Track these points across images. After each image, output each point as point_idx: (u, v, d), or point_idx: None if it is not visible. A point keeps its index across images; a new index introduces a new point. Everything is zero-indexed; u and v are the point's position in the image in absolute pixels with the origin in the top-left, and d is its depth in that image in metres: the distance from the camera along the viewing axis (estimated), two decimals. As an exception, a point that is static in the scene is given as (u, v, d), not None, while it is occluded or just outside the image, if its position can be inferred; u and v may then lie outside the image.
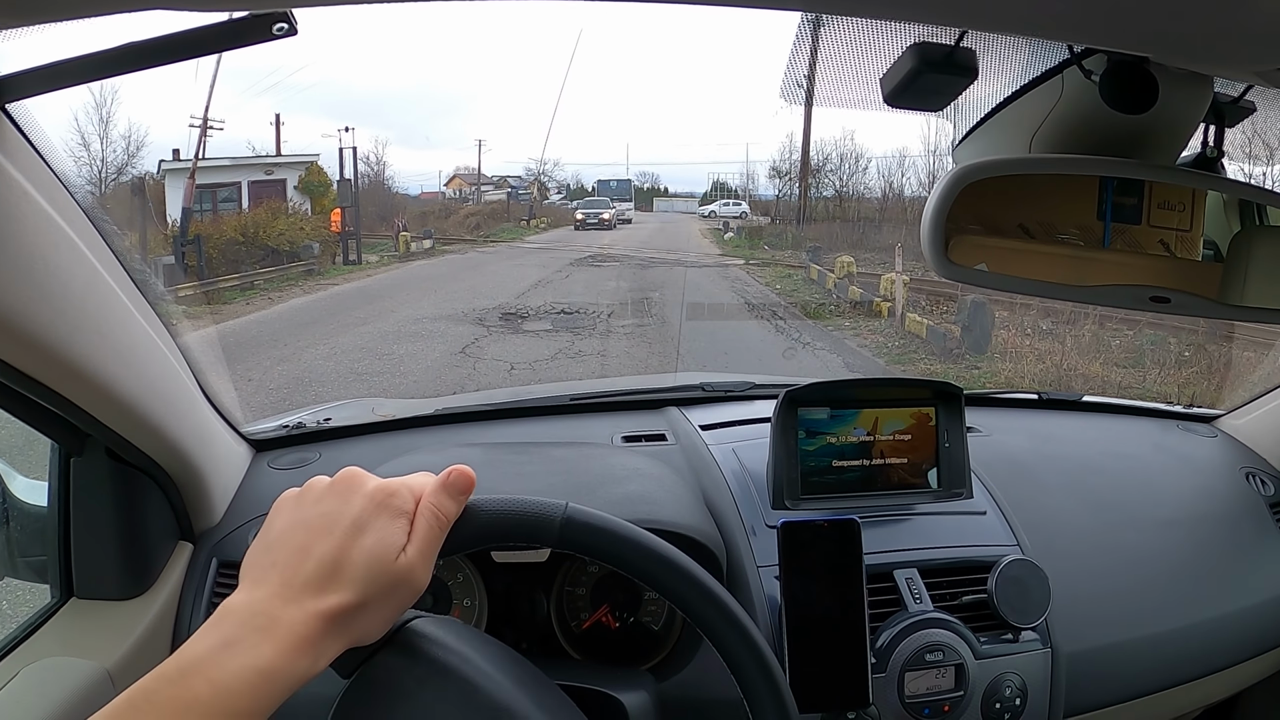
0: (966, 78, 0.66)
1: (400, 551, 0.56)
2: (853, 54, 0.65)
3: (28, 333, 0.70)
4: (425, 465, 1.10)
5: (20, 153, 0.67)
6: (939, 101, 0.68)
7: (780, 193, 30.07)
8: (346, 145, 20.41)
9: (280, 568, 0.55)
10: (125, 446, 0.94)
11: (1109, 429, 1.55)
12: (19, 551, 1.06)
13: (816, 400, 1.14)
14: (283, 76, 44.50)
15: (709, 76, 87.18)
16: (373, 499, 0.57)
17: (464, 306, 10.71)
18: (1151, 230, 0.78)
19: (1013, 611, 1.05)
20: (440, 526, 0.58)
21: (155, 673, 0.50)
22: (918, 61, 0.64)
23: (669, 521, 0.99)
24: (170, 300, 0.96)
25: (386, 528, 0.56)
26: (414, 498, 0.59)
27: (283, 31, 0.59)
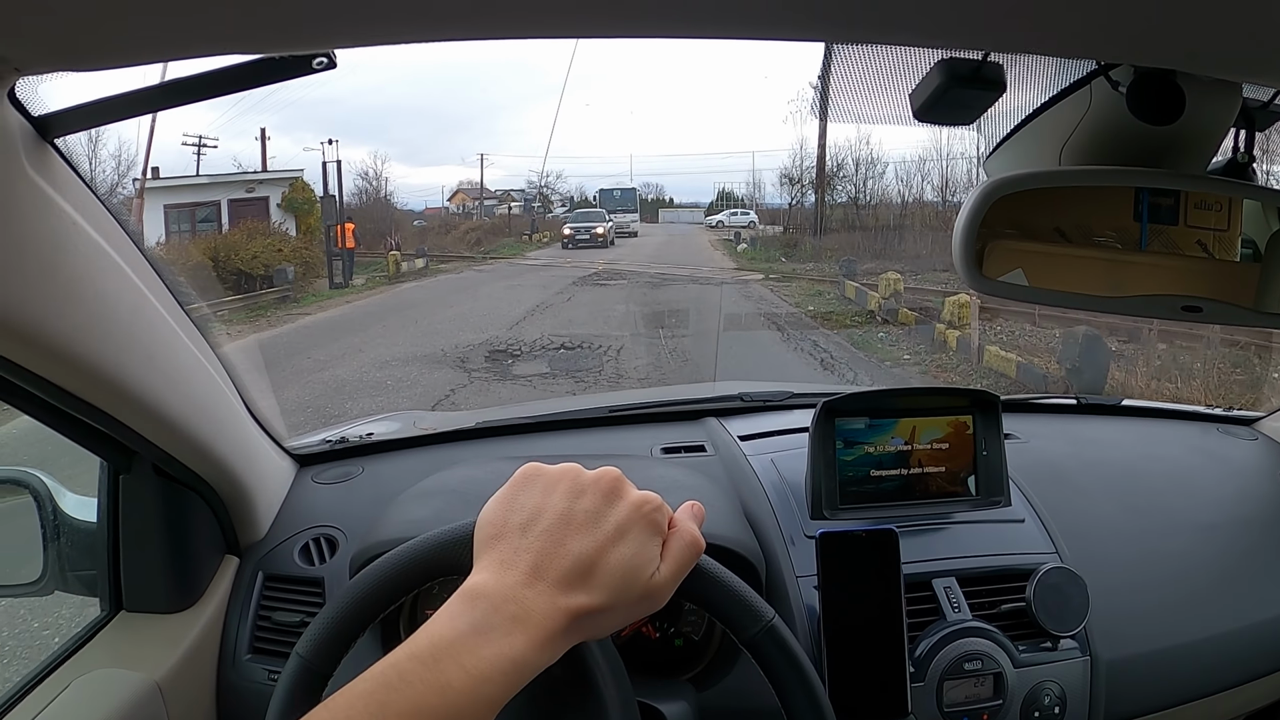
0: (995, 91, 0.67)
1: (655, 569, 0.57)
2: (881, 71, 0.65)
3: (79, 357, 0.72)
4: (466, 478, 1.13)
5: (69, 185, 0.69)
6: (968, 115, 0.69)
7: (793, 201, 29.00)
8: (330, 159, 19.54)
9: (535, 554, 0.56)
10: (173, 464, 0.96)
11: (1148, 433, 1.54)
12: (69, 566, 1.08)
13: (854, 410, 1.14)
14: (283, 93, 44.59)
15: (713, 85, 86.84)
16: (638, 510, 0.59)
17: (446, 343, 9.33)
18: (1189, 230, 0.77)
19: (1051, 620, 1.04)
20: (694, 555, 0.60)
21: (406, 650, 0.50)
22: (946, 77, 0.65)
23: (707, 533, 0.98)
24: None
25: (646, 542, 0.58)
26: (669, 518, 0.61)
27: (322, 65, 0.61)
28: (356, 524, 1.16)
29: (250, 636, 1.08)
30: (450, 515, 1.00)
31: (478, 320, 11.02)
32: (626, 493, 0.60)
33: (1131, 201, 0.76)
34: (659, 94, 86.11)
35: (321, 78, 0.63)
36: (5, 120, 0.60)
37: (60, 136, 0.67)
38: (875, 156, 26.59)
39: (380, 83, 59.05)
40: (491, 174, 46.86)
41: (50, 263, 0.66)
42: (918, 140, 24.22)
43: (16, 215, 0.62)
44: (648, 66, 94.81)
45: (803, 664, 0.67)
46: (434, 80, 71.06)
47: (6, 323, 0.65)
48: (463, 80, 74.37)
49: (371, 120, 60.99)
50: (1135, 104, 0.66)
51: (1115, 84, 0.68)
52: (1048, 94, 0.74)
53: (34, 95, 0.63)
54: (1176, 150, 0.71)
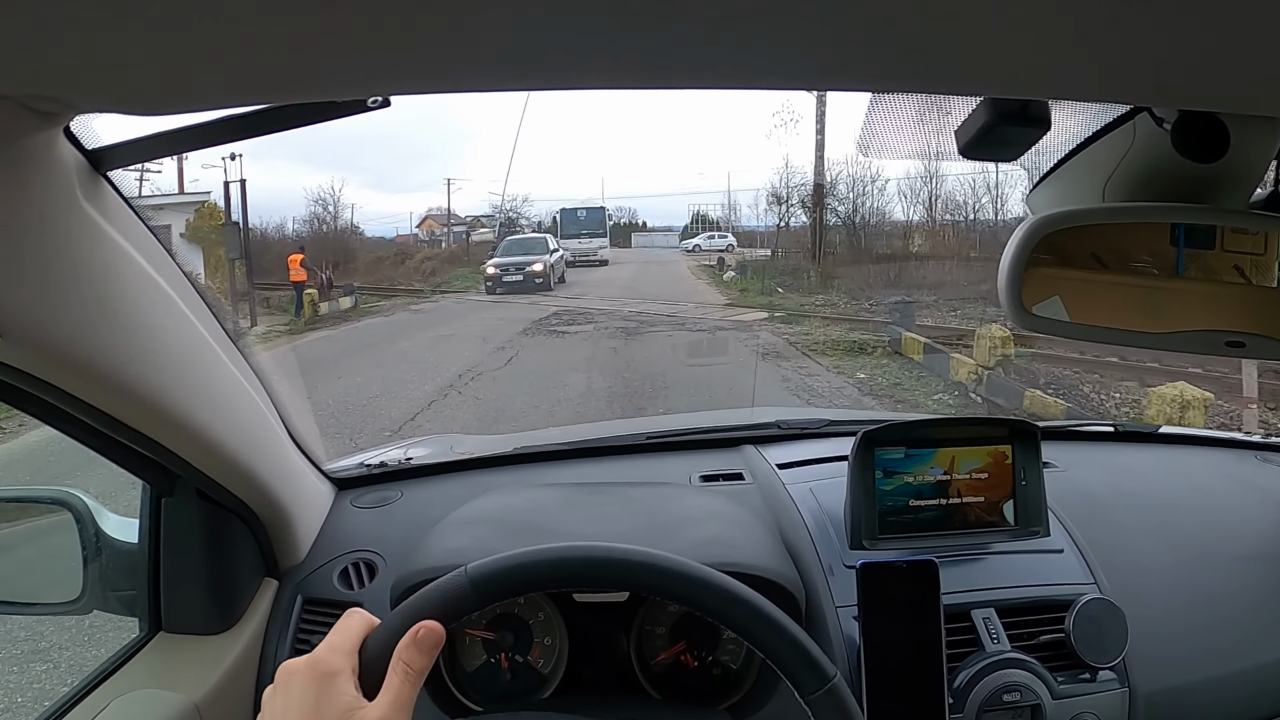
0: (1040, 129, 0.67)
1: (355, 710, 0.58)
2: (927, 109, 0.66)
3: (130, 385, 0.74)
4: (504, 506, 1.14)
5: (121, 216, 0.70)
6: (1013, 152, 0.69)
7: (781, 221, 26.37)
8: (233, 179, 16.37)
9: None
10: (215, 488, 0.97)
11: (1186, 462, 1.52)
12: (108, 586, 1.09)
13: (893, 440, 1.14)
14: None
15: (685, 103, 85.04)
16: (307, 676, 0.60)
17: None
18: (1226, 255, 0.76)
19: (1090, 651, 1.04)
20: (412, 680, 0.60)
21: None
22: (992, 115, 0.65)
23: (747, 564, 0.99)
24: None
25: (329, 694, 0.59)
26: (340, 654, 0.61)
27: (377, 104, 0.62)
28: (395, 549, 1.16)
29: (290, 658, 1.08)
30: (490, 544, 1.01)
31: (360, 406, 7.51)
32: (295, 671, 0.61)
33: (1168, 226, 0.76)
34: (631, 114, 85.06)
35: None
36: (60, 155, 0.61)
37: (112, 169, 0.69)
38: (876, 171, 23.40)
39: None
40: (467, 200, 45.68)
41: (103, 293, 0.68)
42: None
43: (71, 246, 0.63)
44: (620, 94, 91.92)
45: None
46: (406, 105, 70.51)
47: (62, 353, 0.66)
48: (434, 104, 73.54)
49: (343, 147, 60.61)
50: (1180, 142, 0.67)
51: (1159, 120, 0.69)
52: (1090, 130, 0.75)
53: (87, 130, 0.64)
54: (1219, 185, 0.71)
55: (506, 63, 0.43)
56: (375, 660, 0.61)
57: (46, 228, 0.60)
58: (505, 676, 1.07)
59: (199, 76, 0.45)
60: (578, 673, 1.07)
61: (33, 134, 0.56)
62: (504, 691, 1.07)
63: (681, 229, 43.96)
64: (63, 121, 0.58)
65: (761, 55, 0.42)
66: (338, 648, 0.61)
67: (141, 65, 0.42)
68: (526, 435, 1.59)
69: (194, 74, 0.44)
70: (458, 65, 0.43)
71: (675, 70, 0.44)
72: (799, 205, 25.06)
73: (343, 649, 0.61)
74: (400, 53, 0.41)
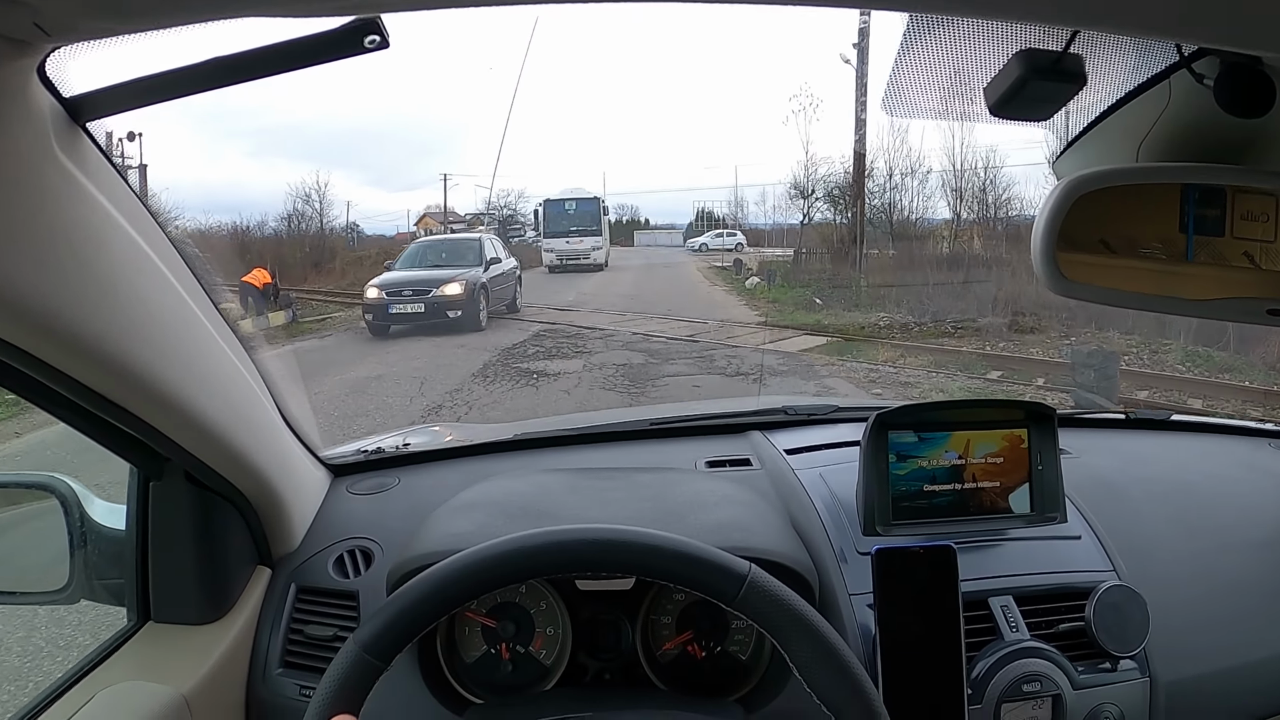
0: (1075, 84, 0.64)
1: None
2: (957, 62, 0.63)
3: (114, 359, 0.70)
4: (505, 490, 1.11)
5: (102, 173, 0.67)
6: (1046, 110, 0.66)
7: (804, 218, 21.83)
8: (134, 163, 14.04)
9: None
10: (205, 471, 0.95)
11: (1199, 448, 1.50)
12: (96, 574, 1.07)
13: (906, 423, 1.11)
14: (261, 119, 43.06)
15: (690, 93, 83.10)
16: None
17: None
18: (1235, 242, 0.75)
19: (1111, 640, 1.01)
20: None
21: None
22: (1025, 69, 0.62)
23: (763, 549, 0.97)
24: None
25: None
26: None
27: (374, 44, 0.59)
28: (393, 536, 1.14)
29: (282, 650, 1.06)
30: (493, 528, 0.98)
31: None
32: None
33: (1177, 213, 0.74)
34: (633, 104, 78.66)
35: (285, 101, 0.60)
36: (35, 98, 0.57)
37: (92, 120, 0.65)
38: (918, 159, 19.11)
39: (353, 104, 57.83)
40: (468, 196, 44.64)
41: (84, 256, 0.64)
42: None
43: (48, 202, 0.60)
44: (622, 83, 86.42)
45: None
46: (406, 99, 68.85)
47: (42, 320, 0.62)
48: (435, 98, 71.85)
49: (342, 143, 59.58)
50: (1224, 96, 0.64)
51: (1200, 76, 0.66)
52: (1124, 90, 0.72)
53: (64, 76, 0.60)
54: (1265, 144, 0.68)
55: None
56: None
57: (20, 178, 0.57)
58: (506, 668, 1.05)
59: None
60: (582, 664, 1.04)
61: (4, 67, 0.52)
62: (505, 683, 1.04)
63: (686, 226, 41.51)
64: (35, 56, 0.54)
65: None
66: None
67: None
68: (529, 422, 1.56)
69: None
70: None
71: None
72: (825, 198, 21.04)
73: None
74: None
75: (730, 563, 0.65)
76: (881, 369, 8.39)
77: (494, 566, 0.67)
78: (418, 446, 1.38)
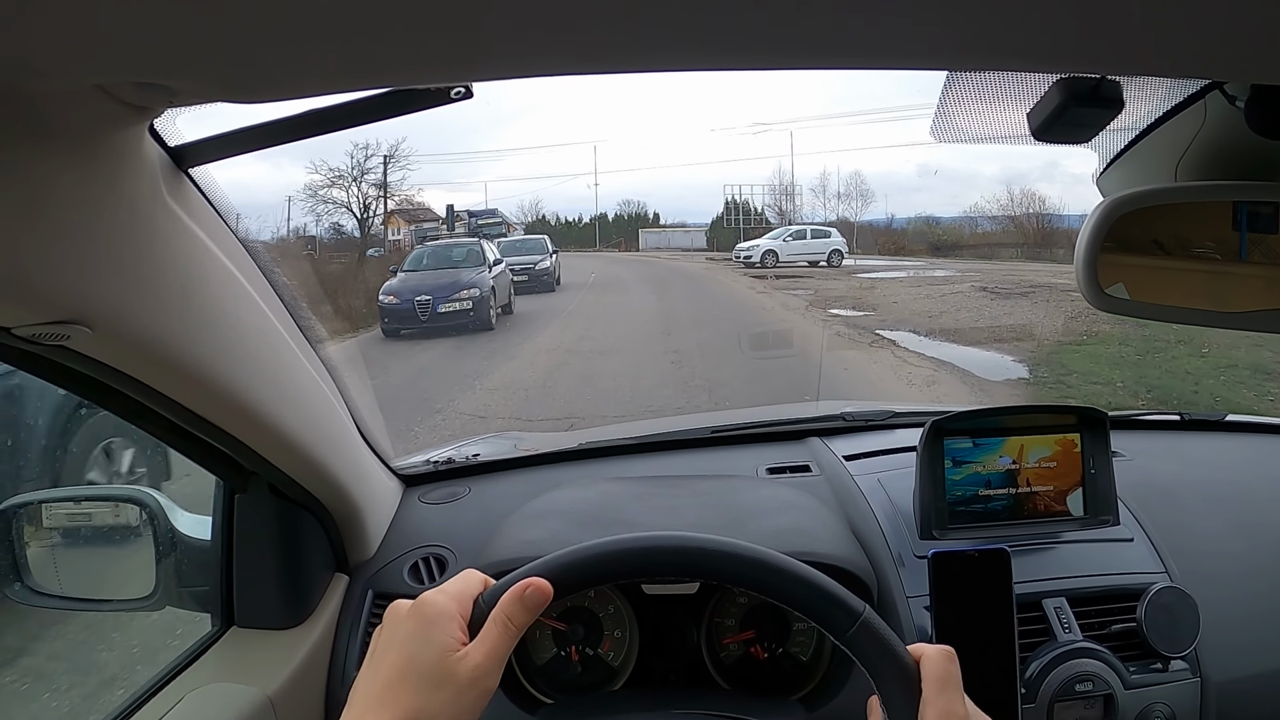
0: (1113, 110, 0.67)
1: (453, 652, 0.59)
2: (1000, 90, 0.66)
3: (212, 381, 0.75)
4: (574, 499, 1.15)
5: (203, 213, 0.72)
6: (1086, 134, 0.69)
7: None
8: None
9: (359, 692, 0.60)
10: (289, 484, 0.99)
11: (1255, 448, 1.50)
12: (181, 581, 1.11)
13: (962, 429, 1.13)
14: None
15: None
16: (413, 616, 0.61)
17: None
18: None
19: (1162, 640, 1.03)
20: (510, 634, 0.61)
21: None
22: (1065, 96, 0.65)
23: (823, 554, 1.00)
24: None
25: (431, 634, 0.59)
26: (452, 599, 0.61)
27: (460, 95, 0.62)
28: (466, 544, 1.17)
29: (360, 654, 1.10)
30: (565, 536, 1.01)
31: None
32: (400, 611, 0.62)
33: (1230, 211, 0.75)
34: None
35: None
36: (146, 151, 0.62)
37: (194, 166, 0.70)
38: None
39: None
40: (469, 197, 40.51)
41: (186, 289, 0.69)
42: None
43: (157, 241, 0.65)
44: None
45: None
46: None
47: (147, 347, 0.67)
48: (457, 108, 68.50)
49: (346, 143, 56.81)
50: (1254, 118, 0.67)
51: (1231, 99, 0.68)
52: (1161, 110, 0.74)
53: (170, 128, 0.65)
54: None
55: (590, 45, 0.43)
56: (485, 613, 0.61)
57: (134, 223, 0.62)
58: (576, 669, 1.08)
59: (298, 61, 0.45)
60: (648, 665, 1.08)
61: (122, 129, 0.57)
62: (574, 684, 1.08)
63: (710, 224, 30.25)
64: (152, 116, 0.59)
65: (850, 33, 0.43)
66: (450, 593, 0.62)
67: (242, 49, 0.43)
68: (591, 431, 1.59)
69: (293, 59, 0.45)
70: (540, 49, 0.43)
71: (762, 49, 0.44)
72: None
73: (454, 595, 0.62)
74: (495, 37, 0.42)
75: (849, 600, 0.66)
76: None
77: (631, 558, 0.68)
78: (485, 457, 1.41)
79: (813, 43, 0.44)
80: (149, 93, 0.52)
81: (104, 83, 0.50)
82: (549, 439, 1.63)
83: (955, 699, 0.59)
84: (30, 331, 0.58)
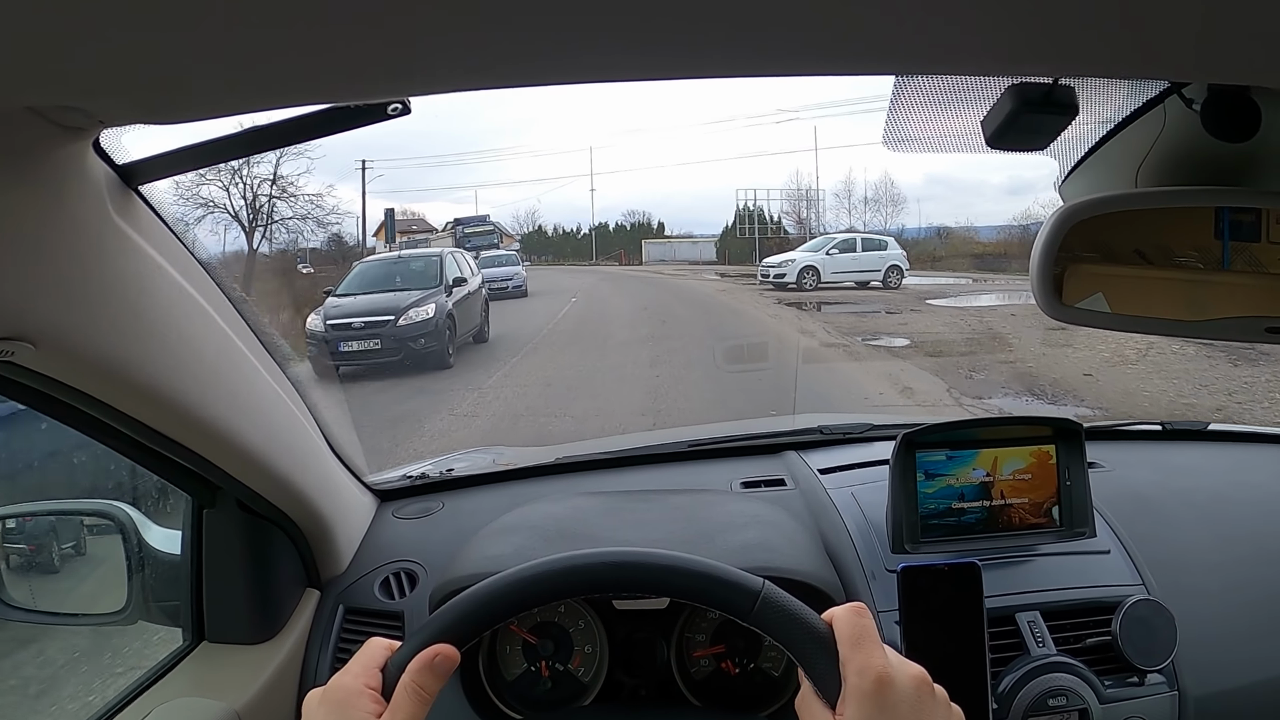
0: (1067, 115, 0.66)
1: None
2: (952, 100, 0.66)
3: (166, 396, 0.75)
4: (543, 514, 1.14)
5: (153, 230, 0.71)
6: (1041, 140, 0.68)
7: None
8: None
9: None
10: (255, 499, 0.99)
11: (1237, 458, 1.49)
12: (153, 596, 1.11)
13: (934, 442, 1.13)
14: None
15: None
16: (325, 703, 0.60)
17: None
18: (1272, 247, 0.74)
19: (1138, 654, 1.02)
20: (424, 701, 0.60)
21: None
22: (1017, 103, 0.64)
23: (789, 569, 0.99)
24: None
25: (345, 716, 0.59)
26: (358, 676, 0.61)
27: (397, 111, 0.62)
28: (437, 559, 1.17)
29: (330, 668, 1.09)
30: (531, 550, 1.01)
31: None
32: (314, 700, 0.61)
33: (1212, 220, 0.74)
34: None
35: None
36: (91, 169, 0.62)
37: (143, 184, 0.70)
38: None
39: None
40: (463, 210, 40.02)
41: (135, 305, 0.69)
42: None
43: (103, 260, 0.64)
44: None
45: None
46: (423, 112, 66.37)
47: (97, 363, 0.67)
48: (448, 112, 68.01)
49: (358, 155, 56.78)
50: (1210, 122, 0.66)
51: (1189, 102, 0.68)
52: (1120, 115, 0.74)
53: (117, 145, 0.65)
54: (1256, 166, 0.70)
55: (524, 57, 0.43)
56: (396, 678, 0.61)
57: (79, 240, 0.62)
58: (546, 685, 1.07)
59: (211, 80, 0.45)
60: (618, 681, 1.07)
61: (62, 148, 0.57)
62: (544, 700, 1.07)
63: (720, 234, 27.92)
64: (90, 135, 0.59)
65: (794, 39, 0.42)
66: (354, 671, 0.62)
67: (155, 70, 0.43)
68: (569, 446, 1.58)
69: (207, 78, 0.45)
70: (474, 61, 0.43)
71: (706, 59, 0.44)
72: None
73: (360, 672, 0.62)
74: (420, 52, 0.41)
75: (744, 579, 0.65)
76: None
77: (522, 589, 0.68)
78: (461, 471, 1.41)
79: (751, 49, 0.43)
80: (76, 115, 0.52)
81: (31, 105, 0.50)
82: (527, 454, 1.62)
83: (873, 651, 0.58)
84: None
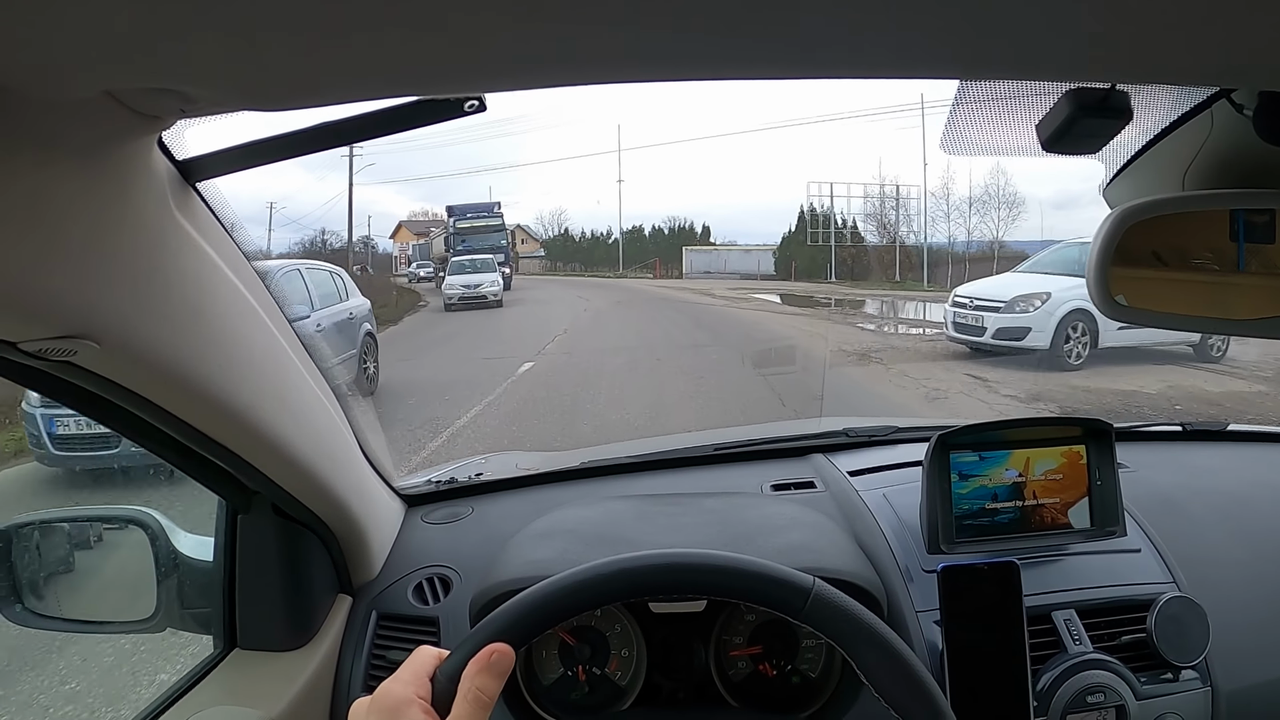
0: (1122, 120, 0.67)
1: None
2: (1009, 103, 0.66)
3: (217, 397, 0.74)
4: (578, 518, 1.14)
5: (210, 229, 0.71)
6: (1095, 145, 0.69)
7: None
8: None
9: None
10: (292, 504, 0.98)
11: (1257, 457, 1.51)
12: (182, 603, 1.10)
13: (967, 443, 1.13)
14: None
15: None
16: (374, 713, 0.59)
17: None
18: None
19: (1173, 650, 1.03)
20: (485, 706, 0.59)
21: None
22: (1074, 108, 0.65)
23: (834, 569, 0.99)
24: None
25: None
26: (408, 684, 0.60)
27: (473, 108, 0.62)
28: (470, 563, 1.16)
29: (365, 675, 1.09)
30: (573, 555, 1.01)
31: None
32: (364, 708, 0.60)
33: (1227, 222, 0.75)
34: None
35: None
36: (155, 164, 0.61)
37: (203, 180, 0.69)
38: None
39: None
40: (516, 215, 39.27)
41: (194, 304, 0.68)
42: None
43: (165, 256, 0.64)
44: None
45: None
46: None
47: (156, 363, 0.67)
48: (482, 120, 67.66)
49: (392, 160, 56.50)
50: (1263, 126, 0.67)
51: (1239, 107, 0.68)
52: (1168, 120, 0.74)
53: (179, 141, 0.64)
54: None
55: (606, 54, 0.43)
56: (446, 688, 0.60)
57: (142, 237, 0.61)
58: (583, 689, 1.07)
59: (318, 68, 0.44)
60: (656, 684, 1.07)
61: (131, 140, 0.56)
62: (581, 704, 1.07)
63: (778, 244, 24.05)
64: (164, 125, 0.58)
65: (865, 43, 0.42)
66: (403, 679, 0.60)
67: (262, 55, 0.42)
68: (594, 450, 1.58)
69: (314, 66, 0.44)
70: (556, 58, 0.43)
71: (775, 60, 0.44)
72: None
73: (410, 680, 0.60)
74: (508, 49, 0.41)
75: (796, 577, 0.66)
76: None
77: (576, 592, 0.67)
78: (487, 476, 1.41)
79: (818, 53, 0.43)
80: (162, 100, 0.51)
81: (117, 89, 0.49)
82: (550, 458, 1.61)
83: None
84: (36, 347, 0.57)
